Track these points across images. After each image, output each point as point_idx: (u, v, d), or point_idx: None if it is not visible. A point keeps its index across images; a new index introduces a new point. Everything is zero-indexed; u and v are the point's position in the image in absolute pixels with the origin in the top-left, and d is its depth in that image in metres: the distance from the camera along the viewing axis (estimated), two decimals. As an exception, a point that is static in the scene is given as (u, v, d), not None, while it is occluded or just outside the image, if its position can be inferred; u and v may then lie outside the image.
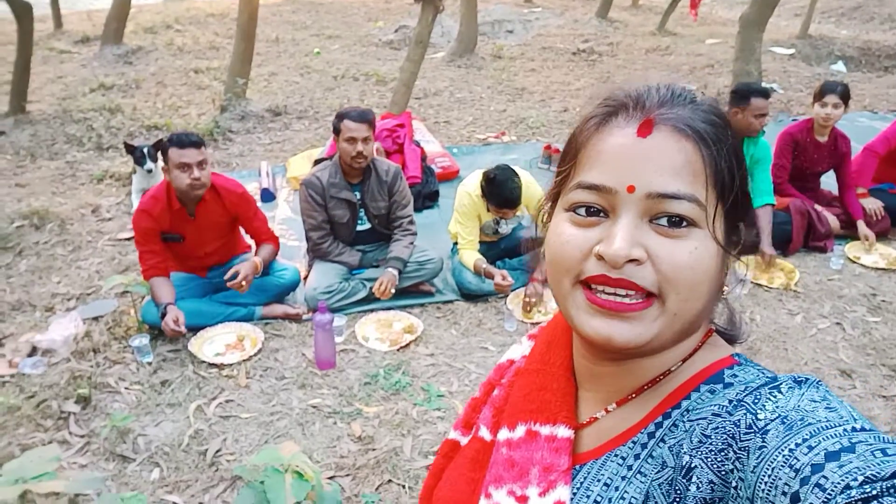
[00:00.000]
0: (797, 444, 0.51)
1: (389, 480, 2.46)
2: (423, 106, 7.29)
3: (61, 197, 4.89)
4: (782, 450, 0.52)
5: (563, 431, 0.72)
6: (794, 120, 5.86)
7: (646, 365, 0.69)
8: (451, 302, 3.65)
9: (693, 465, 0.59)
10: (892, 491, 0.43)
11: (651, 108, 0.64)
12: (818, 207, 4.23)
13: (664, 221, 0.62)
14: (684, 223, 0.62)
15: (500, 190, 3.42)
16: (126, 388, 2.92)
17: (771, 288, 3.78)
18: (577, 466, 0.70)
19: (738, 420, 0.58)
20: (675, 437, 0.64)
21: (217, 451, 2.58)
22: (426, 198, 4.85)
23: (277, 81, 8.03)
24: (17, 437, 2.63)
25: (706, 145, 0.63)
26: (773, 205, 4.05)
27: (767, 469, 0.51)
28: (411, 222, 3.71)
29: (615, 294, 0.62)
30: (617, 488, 0.65)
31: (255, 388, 2.94)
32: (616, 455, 0.68)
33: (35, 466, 1.94)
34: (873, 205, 4.30)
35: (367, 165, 3.56)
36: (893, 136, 4.41)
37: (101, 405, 2.82)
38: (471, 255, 3.63)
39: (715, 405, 0.62)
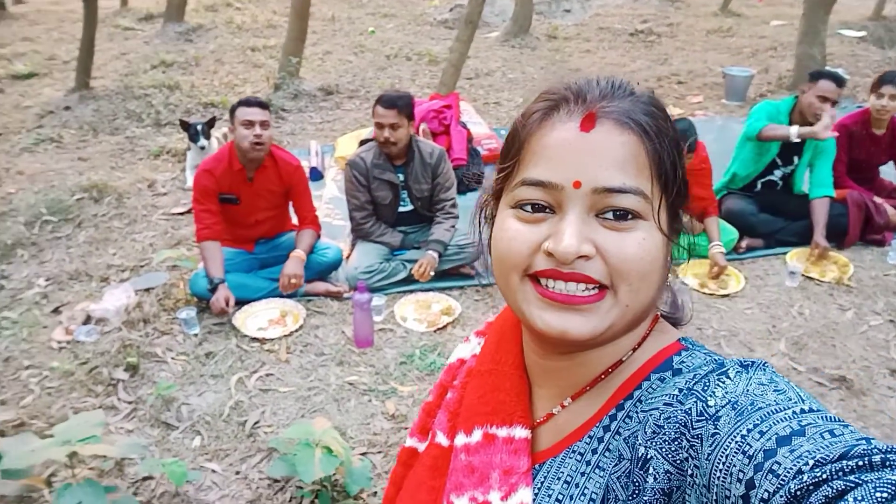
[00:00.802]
0: (749, 430, 0.51)
1: (419, 459, 2.50)
2: (473, 86, 7.25)
3: (120, 171, 5.07)
4: (734, 436, 0.52)
5: (520, 432, 0.71)
6: (858, 107, 5.61)
7: (597, 357, 0.69)
8: (491, 285, 3.63)
9: (649, 457, 0.59)
10: (840, 474, 0.44)
11: (592, 101, 0.63)
12: (877, 199, 4.06)
13: (610, 215, 0.62)
14: (630, 216, 0.62)
15: None
16: (172, 359, 3.04)
17: (822, 282, 3.67)
18: (537, 466, 0.70)
19: (690, 408, 0.58)
20: (629, 429, 0.64)
21: (255, 423, 2.68)
22: (471, 180, 4.83)
23: (331, 60, 8.10)
24: (70, 400, 2.78)
25: (649, 138, 0.62)
26: (832, 197, 3.91)
27: (721, 456, 0.52)
28: (454, 206, 3.72)
29: (567, 287, 0.62)
30: (577, 485, 0.66)
31: (294, 363, 3.02)
32: (574, 451, 0.68)
33: (82, 430, 2.04)
34: (937, 197, 4.11)
35: (411, 147, 3.58)
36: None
37: (149, 374, 2.94)
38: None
39: (666, 394, 0.63)
